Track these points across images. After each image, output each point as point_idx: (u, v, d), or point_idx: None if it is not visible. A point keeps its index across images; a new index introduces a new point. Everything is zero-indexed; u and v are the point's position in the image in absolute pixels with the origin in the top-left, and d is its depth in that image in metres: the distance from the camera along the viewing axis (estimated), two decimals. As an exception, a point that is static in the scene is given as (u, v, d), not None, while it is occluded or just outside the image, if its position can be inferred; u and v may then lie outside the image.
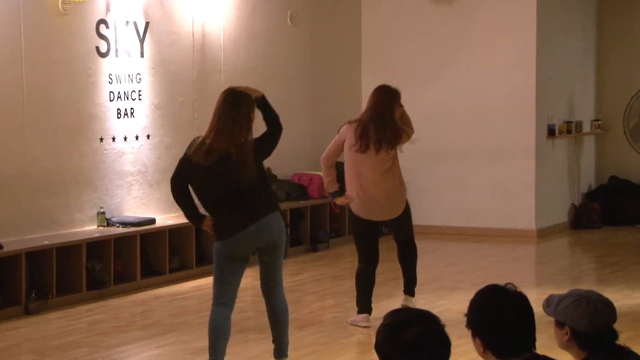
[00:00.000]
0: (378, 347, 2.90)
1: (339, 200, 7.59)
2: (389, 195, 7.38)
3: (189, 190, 5.97)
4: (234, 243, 5.89)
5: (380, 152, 7.31)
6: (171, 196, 6.05)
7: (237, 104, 5.85)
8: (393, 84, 7.61)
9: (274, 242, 5.98)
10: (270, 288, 6.10)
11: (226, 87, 6.18)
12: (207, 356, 5.96)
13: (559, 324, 3.42)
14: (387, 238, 8.36)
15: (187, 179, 5.92)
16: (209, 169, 5.81)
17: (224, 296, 5.96)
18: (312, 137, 11.32)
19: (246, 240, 5.90)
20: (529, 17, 11.38)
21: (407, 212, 7.58)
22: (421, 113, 11.44)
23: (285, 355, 6.15)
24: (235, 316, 7.71)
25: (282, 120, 6.09)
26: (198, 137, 5.96)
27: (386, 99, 7.39)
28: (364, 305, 7.42)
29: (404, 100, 7.61)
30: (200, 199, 6.01)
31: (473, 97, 11.65)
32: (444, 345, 2.88)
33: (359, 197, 7.37)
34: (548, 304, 3.45)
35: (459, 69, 11.69)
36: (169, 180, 6.03)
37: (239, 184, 5.83)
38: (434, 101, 11.76)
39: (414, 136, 7.55)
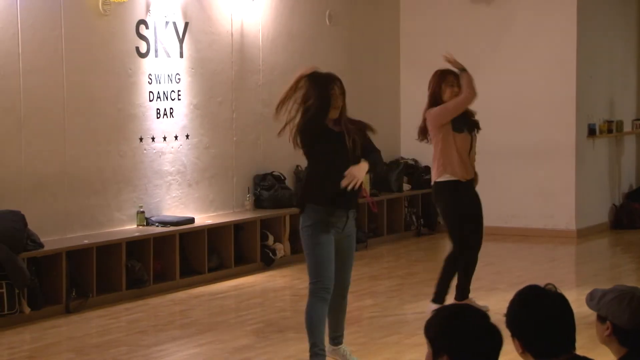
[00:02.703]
0: (431, 339, 2.89)
1: None
2: None
3: None
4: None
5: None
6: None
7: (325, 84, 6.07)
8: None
9: None
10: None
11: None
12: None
13: (601, 319, 3.39)
14: (428, 238, 8.33)
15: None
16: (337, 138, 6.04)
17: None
18: (351, 137, 11.28)
19: None
20: (570, 16, 11.29)
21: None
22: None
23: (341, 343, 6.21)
24: (273, 315, 7.76)
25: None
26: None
27: (434, 81, 7.62)
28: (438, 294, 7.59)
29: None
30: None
31: (512, 96, 11.58)
32: (498, 339, 2.88)
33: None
34: (591, 297, 3.42)
35: (498, 68, 11.63)
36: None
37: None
38: (472, 101, 11.69)
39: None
